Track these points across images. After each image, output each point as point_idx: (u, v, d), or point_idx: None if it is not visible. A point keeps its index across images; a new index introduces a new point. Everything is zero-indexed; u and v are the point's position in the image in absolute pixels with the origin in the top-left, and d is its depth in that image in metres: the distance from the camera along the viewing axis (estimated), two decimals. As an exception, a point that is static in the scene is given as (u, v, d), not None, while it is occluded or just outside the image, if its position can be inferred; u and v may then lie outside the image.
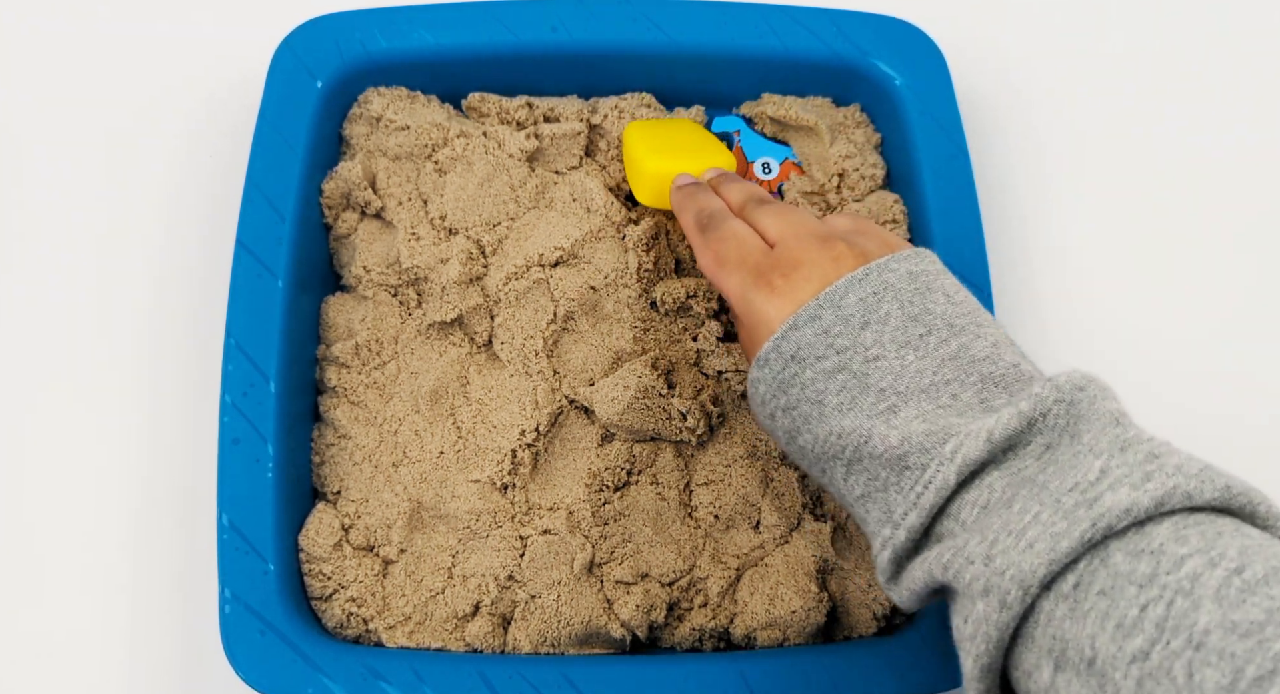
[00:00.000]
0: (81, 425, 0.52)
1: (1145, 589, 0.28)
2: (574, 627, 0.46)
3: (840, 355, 0.36)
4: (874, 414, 0.35)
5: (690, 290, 0.49)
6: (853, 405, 0.35)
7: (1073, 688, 0.29)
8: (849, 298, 0.37)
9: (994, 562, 0.30)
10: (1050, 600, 0.30)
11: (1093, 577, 0.29)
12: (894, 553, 0.34)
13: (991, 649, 0.30)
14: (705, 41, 0.52)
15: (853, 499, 0.36)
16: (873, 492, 0.35)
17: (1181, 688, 0.26)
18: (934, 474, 0.33)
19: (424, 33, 0.51)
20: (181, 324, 0.53)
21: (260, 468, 0.46)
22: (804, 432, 0.37)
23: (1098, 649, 0.28)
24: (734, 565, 0.47)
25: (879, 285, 0.37)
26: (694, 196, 0.45)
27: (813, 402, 0.36)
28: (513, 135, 0.51)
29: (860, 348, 0.36)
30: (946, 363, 0.35)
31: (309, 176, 0.50)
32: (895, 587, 0.35)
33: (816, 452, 0.36)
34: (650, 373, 0.47)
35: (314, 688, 0.43)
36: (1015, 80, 0.60)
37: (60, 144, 0.56)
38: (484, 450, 0.47)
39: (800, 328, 0.37)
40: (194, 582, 0.50)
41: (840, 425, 0.35)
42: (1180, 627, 0.27)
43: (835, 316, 0.36)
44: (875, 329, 0.36)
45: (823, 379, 0.36)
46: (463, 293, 0.48)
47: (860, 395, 0.35)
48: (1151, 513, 0.29)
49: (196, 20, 0.59)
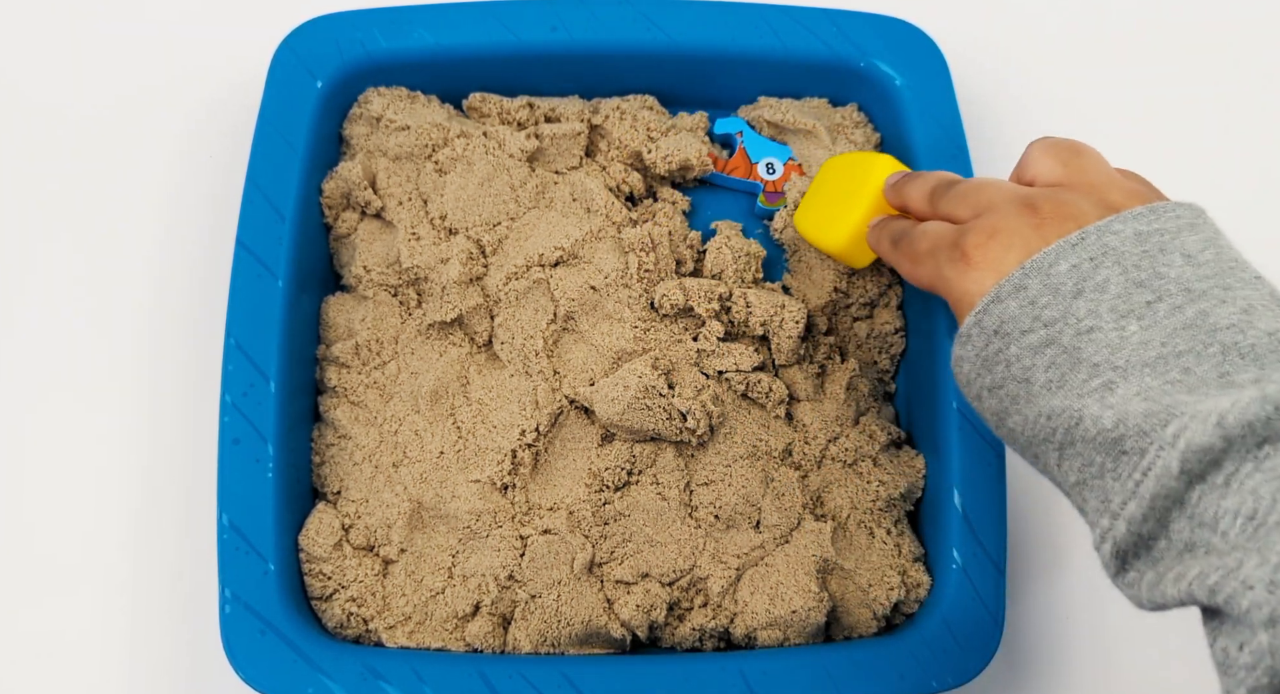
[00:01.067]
0: (81, 425, 0.52)
1: None
2: (574, 626, 0.46)
3: (1049, 328, 0.33)
4: (1086, 392, 0.31)
5: (691, 290, 0.49)
6: (1062, 383, 0.32)
7: None
8: (1060, 265, 0.33)
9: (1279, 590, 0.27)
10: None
11: None
12: (1115, 546, 0.31)
13: (1275, 684, 0.27)
14: (705, 42, 0.52)
15: (1068, 487, 0.33)
16: (1088, 479, 0.31)
17: None
18: (1153, 460, 0.29)
19: (424, 33, 0.51)
20: (181, 324, 0.53)
21: (260, 468, 0.46)
22: (1012, 413, 0.34)
23: None
24: (734, 565, 0.47)
25: (1097, 250, 0.33)
26: (884, 228, 0.43)
27: (1019, 380, 0.33)
28: (513, 135, 0.51)
29: (1072, 319, 0.32)
30: (1178, 332, 0.31)
31: (309, 176, 0.50)
32: (1127, 585, 0.32)
33: (1027, 435, 0.33)
34: (651, 372, 0.47)
35: (314, 688, 0.43)
36: (1015, 80, 0.60)
37: (60, 144, 0.56)
38: (484, 450, 0.47)
39: (1004, 300, 0.34)
40: (194, 582, 0.50)
41: (1049, 405, 0.32)
42: None
43: (1043, 286, 0.33)
44: (1090, 298, 0.32)
45: (1029, 355, 0.33)
46: (463, 293, 0.48)
47: (1071, 372, 0.32)
48: None
49: (196, 20, 0.59)
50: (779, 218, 0.52)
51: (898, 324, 0.51)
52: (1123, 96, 0.60)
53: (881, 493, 0.48)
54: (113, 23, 0.59)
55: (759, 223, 0.54)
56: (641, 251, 0.49)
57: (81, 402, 0.52)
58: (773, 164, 0.53)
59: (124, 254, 0.55)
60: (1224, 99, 0.60)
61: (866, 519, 0.48)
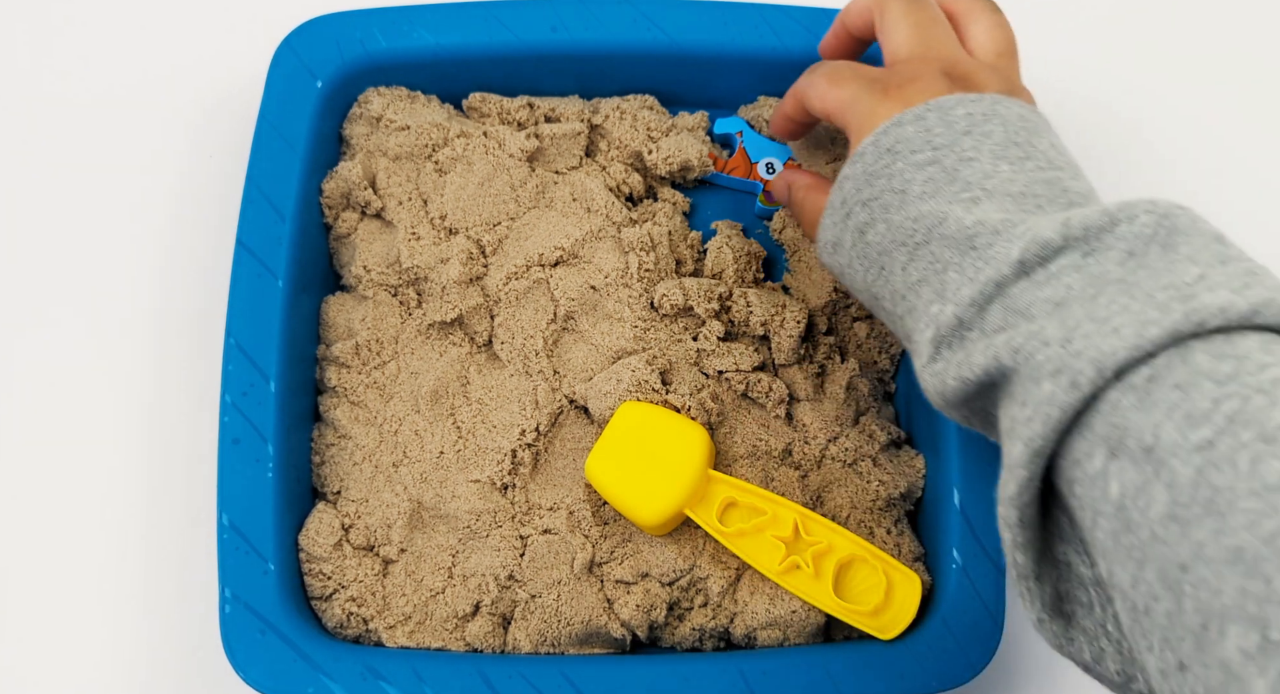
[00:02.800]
0: (81, 425, 0.52)
1: (1223, 386, 0.27)
2: (574, 626, 0.46)
3: (936, 151, 0.36)
4: (955, 200, 0.35)
5: (690, 290, 0.49)
6: (936, 193, 0.36)
7: (1125, 475, 0.28)
8: (958, 110, 0.37)
9: (1072, 344, 0.29)
10: (1118, 390, 0.29)
11: (1169, 372, 0.28)
12: (936, 331, 0.34)
13: (1049, 432, 0.30)
14: (705, 41, 0.52)
15: (905, 288, 0.36)
16: (929, 276, 0.35)
17: (1245, 476, 0.26)
18: (999, 251, 0.32)
19: (424, 33, 0.51)
20: (182, 324, 0.53)
21: (260, 468, 0.46)
22: (878, 221, 0.37)
23: (1160, 437, 0.27)
24: (734, 565, 0.47)
25: (989, 110, 0.37)
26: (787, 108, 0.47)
27: (896, 191, 0.36)
28: (513, 135, 0.51)
29: (957, 149, 0.36)
30: (1038, 183, 0.35)
31: (309, 176, 0.50)
32: (933, 374, 0.35)
33: (883, 244, 0.36)
34: (644, 368, 0.47)
35: (314, 688, 0.43)
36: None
37: (60, 144, 0.56)
38: (484, 450, 0.47)
39: (904, 125, 0.37)
40: (194, 582, 0.50)
41: (919, 209, 0.36)
42: (1253, 421, 0.26)
43: (940, 120, 0.37)
44: (976, 138, 0.36)
45: (913, 169, 0.36)
46: (463, 293, 0.48)
47: (946, 185, 0.36)
48: (1246, 318, 0.28)
49: (197, 20, 0.59)
50: (778, 218, 0.52)
51: (898, 324, 0.51)
52: (1123, 97, 0.60)
53: (881, 493, 0.48)
54: (112, 22, 0.59)
55: (759, 223, 0.54)
56: (641, 251, 0.49)
57: (81, 402, 0.52)
58: (773, 164, 0.53)
59: (124, 254, 0.55)
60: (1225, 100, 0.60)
61: (866, 519, 0.48)
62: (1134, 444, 0.28)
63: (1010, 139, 0.36)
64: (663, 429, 0.45)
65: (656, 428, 0.45)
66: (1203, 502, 0.26)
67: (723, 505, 0.45)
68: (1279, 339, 0.29)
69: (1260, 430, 0.26)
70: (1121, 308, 0.30)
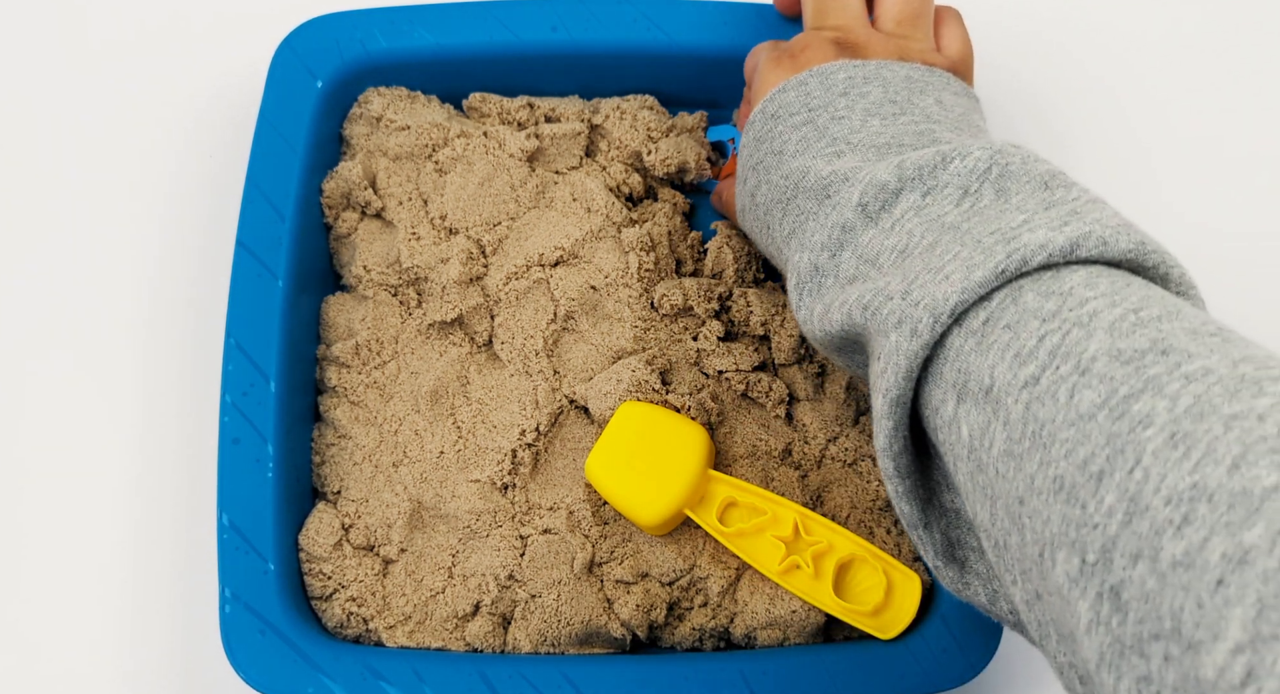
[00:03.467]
0: (81, 425, 0.52)
1: (1047, 323, 0.28)
2: (574, 626, 0.46)
3: (811, 112, 0.38)
4: (819, 155, 0.37)
5: (690, 290, 0.49)
6: (805, 150, 0.37)
7: (971, 417, 0.29)
8: (839, 74, 0.39)
9: (910, 295, 0.31)
10: (960, 336, 0.30)
11: (1002, 313, 0.29)
12: (798, 278, 0.35)
13: (900, 380, 0.31)
14: (705, 41, 0.52)
15: (781, 241, 0.38)
16: (797, 228, 0.37)
17: (1063, 408, 0.27)
18: (844, 196, 0.34)
19: (424, 33, 0.51)
20: (181, 324, 0.53)
21: (260, 468, 0.46)
22: (763, 184, 0.39)
23: (995, 378, 0.29)
24: (734, 565, 0.47)
25: (872, 73, 0.39)
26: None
27: (775, 152, 0.39)
28: (513, 135, 0.51)
29: (831, 109, 0.38)
30: (907, 133, 0.37)
31: (309, 176, 0.50)
32: (803, 321, 0.36)
33: (767, 204, 0.39)
34: (644, 368, 0.47)
35: (314, 688, 0.43)
36: (1014, 80, 0.60)
37: (60, 144, 0.56)
38: (484, 450, 0.47)
39: (787, 91, 0.39)
40: (194, 582, 0.50)
41: (790, 166, 0.37)
42: (1070, 354, 0.27)
43: (820, 84, 0.39)
44: (852, 98, 0.38)
45: (790, 131, 0.38)
46: (463, 293, 0.48)
47: (815, 142, 0.37)
48: (1066, 253, 0.30)
49: (197, 20, 0.59)
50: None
51: (898, 324, 0.51)
52: (1123, 97, 0.60)
53: (881, 493, 0.48)
54: (112, 23, 0.59)
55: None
56: (641, 251, 0.49)
57: (81, 402, 0.52)
58: None
59: (124, 254, 0.55)
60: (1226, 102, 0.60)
61: (866, 519, 0.48)
62: (975, 386, 0.29)
63: (888, 97, 0.38)
64: (663, 429, 0.45)
65: (656, 428, 0.45)
66: (1030, 436, 0.27)
67: (723, 505, 0.45)
68: (1105, 271, 0.30)
69: (1076, 362, 0.27)
70: (953, 255, 0.31)
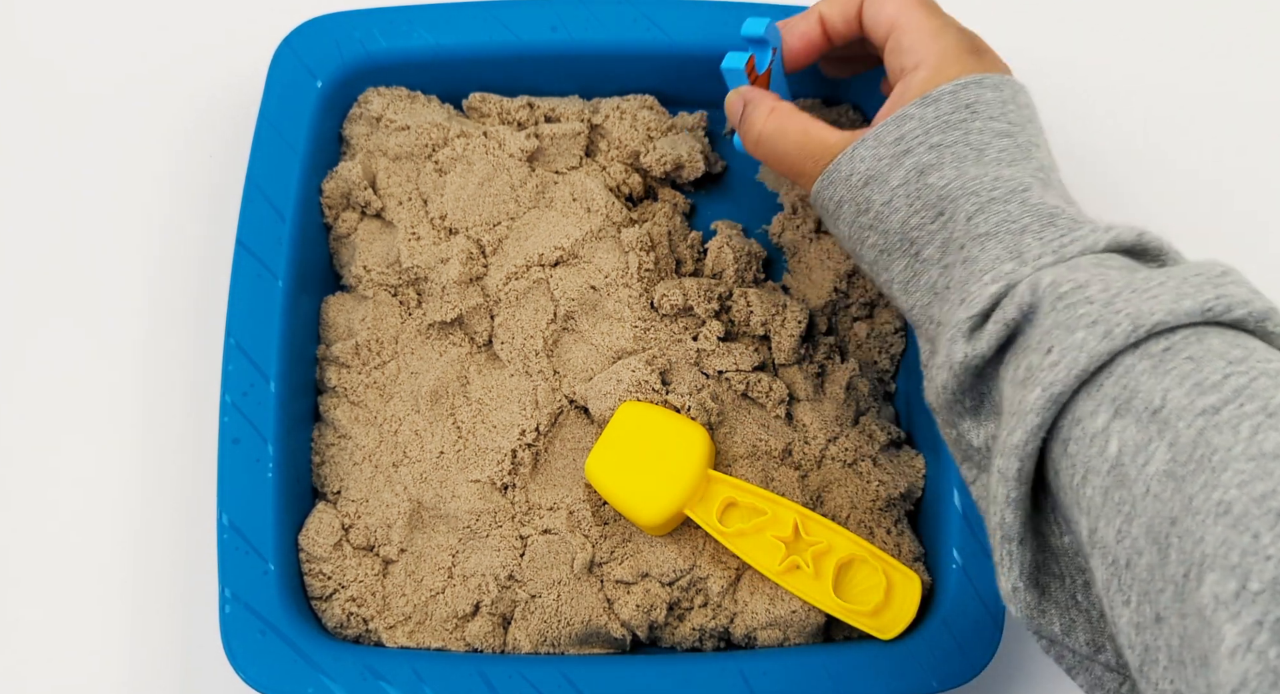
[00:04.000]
0: (81, 425, 0.52)
1: (1234, 365, 0.29)
2: (574, 626, 0.46)
3: (1011, 125, 0.39)
4: (1033, 175, 0.37)
5: (690, 290, 0.49)
6: (1013, 162, 0.38)
7: (1128, 433, 0.29)
8: (1022, 96, 0.40)
9: (1113, 304, 0.31)
10: (1134, 356, 0.30)
11: (1185, 346, 0.30)
12: (1007, 285, 0.35)
13: (1071, 378, 0.31)
14: (705, 41, 0.52)
15: (967, 237, 0.37)
16: (1001, 232, 0.36)
17: (1243, 441, 0.27)
18: (1085, 234, 0.35)
19: (424, 33, 0.51)
20: (181, 324, 0.53)
21: (260, 468, 0.46)
22: (946, 166, 0.38)
23: (1168, 400, 0.29)
24: (734, 565, 0.47)
25: (1031, 103, 0.41)
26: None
27: (974, 147, 0.38)
28: (513, 135, 0.51)
29: (1028, 132, 0.39)
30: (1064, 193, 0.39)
31: (309, 176, 0.50)
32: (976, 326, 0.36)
33: (947, 189, 0.38)
34: (644, 368, 0.47)
35: (314, 688, 0.43)
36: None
37: (60, 143, 0.56)
38: (484, 450, 0.47)
39: (984, 86, 0.39)
40: (194, 582, 0.50)
41: (1000, 173, 0.37)
42: (1258, 396, 0.28)
43: (1013, 97, 0.39)
44: (1034, 130, 0.40)
45: (991, 135, 0.38)
46: (463, 293, 0.48)
47: (1022, 160, 0.38)
48: (1264, 315, 0.31)
49: (197, 20, 0.59)
50: (777, 222, 0.52)
51: (898, 324, 0.51)
52: (1123, 98, 0.60)
53: (881, 493, 0.48)
54: (111, 23, 0.59)
55: (759, 223, 0.54)
56: (641, 251, 0.49)
57: (81, 402, 0.52)
58: None
59: (124, 254, 0.55)
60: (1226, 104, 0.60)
61: (866, 519, 0.48)
62: (1141, 405, 0.29)
63: (1044, 141, 0.40)
64: (662, 429, 0.45)
65: (656, 428, 0.45)
66: (1198, 459, 0.27)
67: (723, 505, 0.45)
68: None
69: (1264, 404, 0.27)
70: (1159, 283, 0.31)
